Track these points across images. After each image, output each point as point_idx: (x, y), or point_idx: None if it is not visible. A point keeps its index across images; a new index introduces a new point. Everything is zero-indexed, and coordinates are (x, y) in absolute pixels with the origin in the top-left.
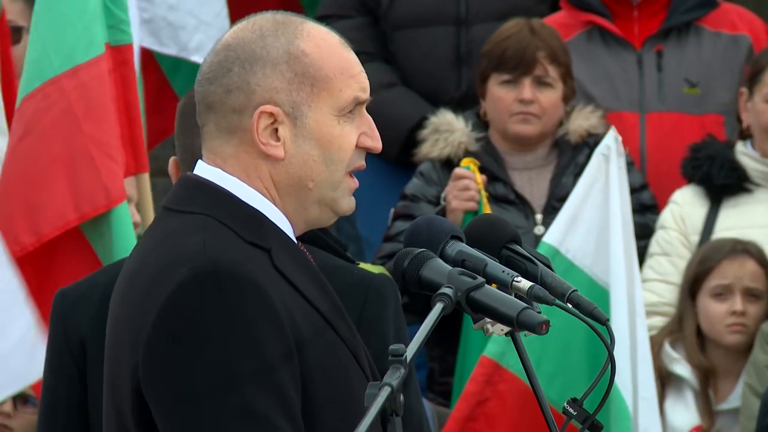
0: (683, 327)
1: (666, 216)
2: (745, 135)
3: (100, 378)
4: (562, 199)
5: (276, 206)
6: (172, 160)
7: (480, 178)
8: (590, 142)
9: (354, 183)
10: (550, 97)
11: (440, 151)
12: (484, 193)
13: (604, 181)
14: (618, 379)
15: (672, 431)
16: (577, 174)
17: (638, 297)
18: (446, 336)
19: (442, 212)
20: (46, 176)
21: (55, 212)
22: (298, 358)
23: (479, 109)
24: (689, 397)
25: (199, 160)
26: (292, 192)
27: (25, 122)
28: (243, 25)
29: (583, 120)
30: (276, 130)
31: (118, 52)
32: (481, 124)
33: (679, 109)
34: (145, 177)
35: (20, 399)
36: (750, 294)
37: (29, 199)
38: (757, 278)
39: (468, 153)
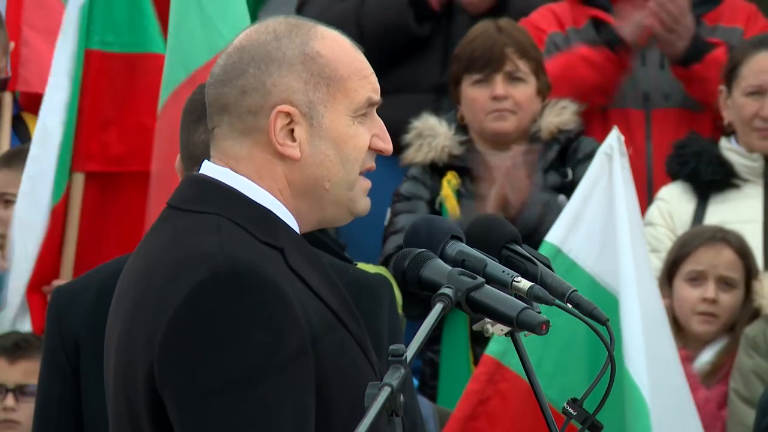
0: None
1: (653, 212)
2: (727, 132)
3: (95, 375)
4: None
5: (286, 206)
6: (178, 157)
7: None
8: (560, 139)
9: (367, 183)
10: (524, 92)
11: (425, 156)
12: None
13: (607, 180)
14: (636, 377)
15: None
16: (546, 169)
17: (657, 301)
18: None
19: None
20: None
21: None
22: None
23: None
24: None
25: (206, 161)
26: (308, 192)
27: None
28: (255, 28)
29: (554, 116)
30: (292, 130)
31: None
32: (464, 127)
33: (683, 106)
34: None
35: (20, 392)
36: (724, 282)
37: None
38: (732, 267)
39: (452, 156)
